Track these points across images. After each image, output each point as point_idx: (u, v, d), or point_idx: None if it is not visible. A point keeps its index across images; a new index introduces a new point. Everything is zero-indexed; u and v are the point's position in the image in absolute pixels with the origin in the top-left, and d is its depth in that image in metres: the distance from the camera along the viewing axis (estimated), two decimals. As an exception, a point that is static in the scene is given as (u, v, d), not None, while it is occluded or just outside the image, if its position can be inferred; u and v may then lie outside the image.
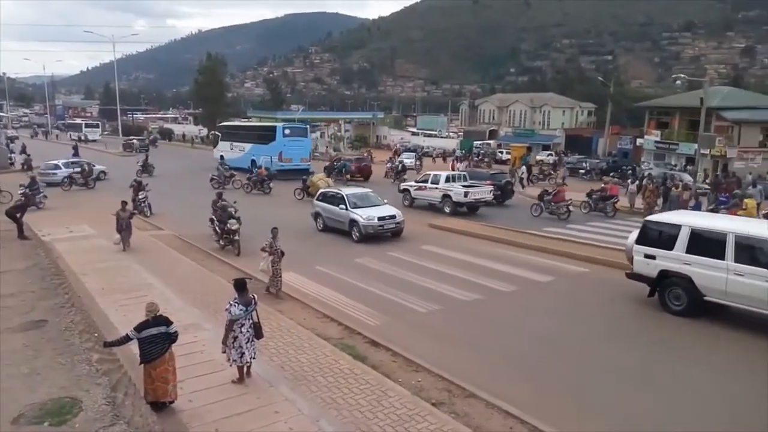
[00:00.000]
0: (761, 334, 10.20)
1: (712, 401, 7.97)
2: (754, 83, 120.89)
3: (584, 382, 8.52)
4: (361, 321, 10.92)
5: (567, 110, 77.17)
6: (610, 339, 10.30)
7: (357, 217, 18.08)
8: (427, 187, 24.93)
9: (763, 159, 42.32)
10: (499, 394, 7.76)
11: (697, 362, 9.32)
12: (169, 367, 7.31)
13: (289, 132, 36.98)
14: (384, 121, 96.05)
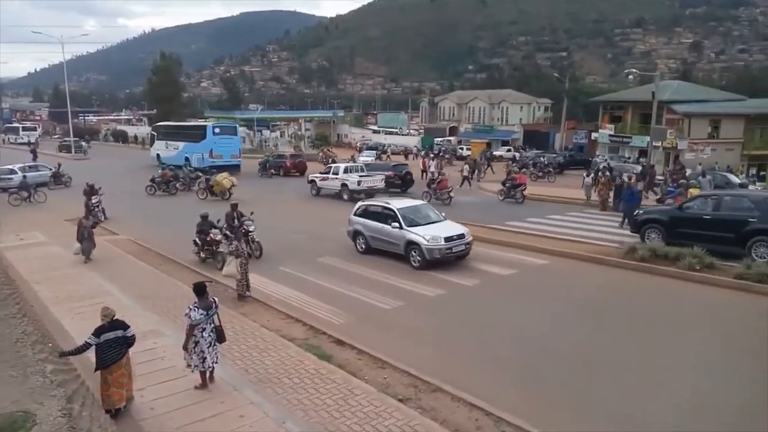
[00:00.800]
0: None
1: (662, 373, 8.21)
2: (702, 77, 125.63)
3: (547, 371, 8.65)
4: (325, 320, 10.84)
5: (524, 106, 78.45)
6: (573, 327, 10.50)
7: (418, 239, 14.44)
8: (329, 178, 28.60)
9: (712, 150, 43.92)
10: (465, 387, 7.82)
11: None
12: (126, 372, 7.19)
13: (218, 130, 39.85)
14: (345, 119, 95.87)
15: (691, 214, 15.82)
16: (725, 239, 14.67)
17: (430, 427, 6.82)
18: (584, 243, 16.89)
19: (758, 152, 44.66)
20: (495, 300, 12.18)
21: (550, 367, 8.83)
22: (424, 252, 14.28)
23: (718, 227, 14.90)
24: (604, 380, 8.36)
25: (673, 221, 16.07)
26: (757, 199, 15.22)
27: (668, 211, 16.81)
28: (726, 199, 15.89)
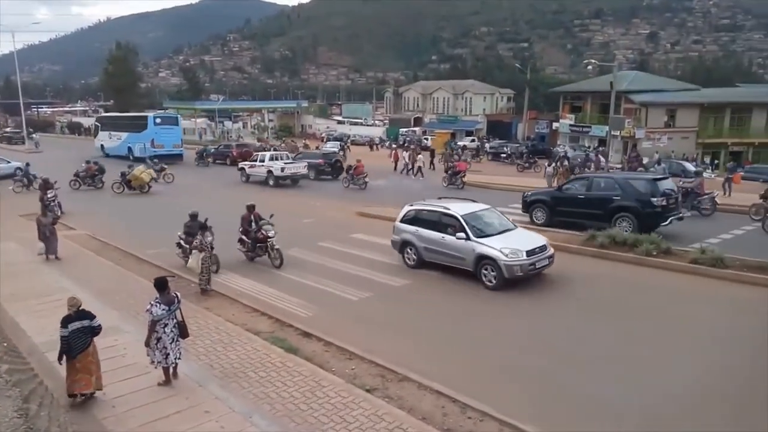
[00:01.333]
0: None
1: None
2: (658, 67, 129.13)
3: (514, 358, 8.79)
4: (292, 313, 10.77)
5: (488, 96, 79.16)
6: (540, 314, 10.70)
7: (493, 252, 11.86)
8: (256, 165, 30.27)
9: (668, 139, 45.22)
10: (431, 376, 7.89)
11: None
12: (93, 359, 7.25)
13: (160, 121, 40.89)
14: (309, 110, 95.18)
15: (568, 195, 17.96)
16: (595, 215, 16.75)
17: (397, 416, 6.86)
18: (546, 232, 17.18)
19: (712, 140, 46.24)
20: (459, 288, 12.29)
21: (513, 354, 8.97)
22: (502, 269, 11.71)
23: (590, 205, 17.14)
24: (573, 365, 8.54)
25: (555, 201, 18.16)
26: (620, 180, 17.31)
27: (551, 193, 18.95)
28: (596, 180, 18.00)
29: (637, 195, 16.45)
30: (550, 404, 7.40)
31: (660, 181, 17.19)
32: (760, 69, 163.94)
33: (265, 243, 13.69)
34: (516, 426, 6.62)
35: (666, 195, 16.31)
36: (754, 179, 24.63)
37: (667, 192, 16.50)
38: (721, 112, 46.71)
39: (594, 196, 17.23)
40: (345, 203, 23.08)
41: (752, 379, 7.92)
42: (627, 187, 16.70)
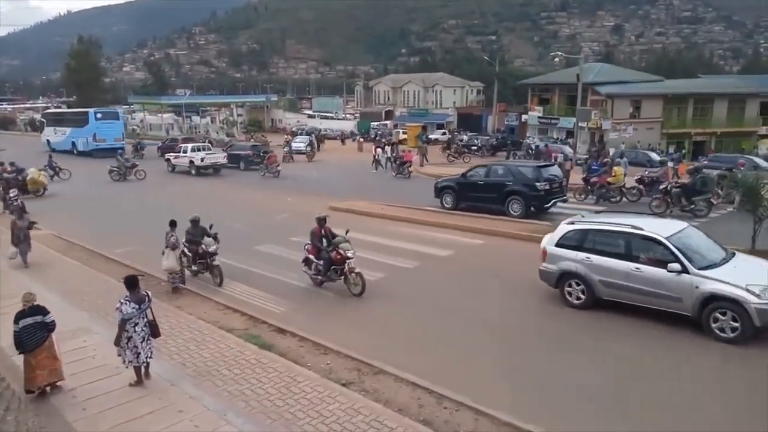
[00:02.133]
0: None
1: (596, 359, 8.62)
2: (623, 59, 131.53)
3: (486, 349, 8.89)
4: (265, 309, 10.69)
5: (458, 89, 79.64)
6: (508, 306, 10.83)
7: (735, 291, 8.51)
8: (180, 156, 33.09)
9: (634, 129, 46.17)
10: (407, 368, 7.94)
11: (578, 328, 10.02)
12: (50, 354, 7.30)
13: (101, 116, 42.72)
14: (278, 104, 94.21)
15: (471, 181, 19.84)
16: (492, 199, 18.90)
17: (374, 408, 6.89)
18: (516, 222, 17.44)
19: (676, 130, 47.39)
20: (433, 281, 12.37)
21: (486, 345, 9.08)
22: (751, 315, 8.30)
23: (488, 190, 19.16)
24: (551, 355, 8.68)
25: (460, 187, 20.09)
26: (512, 168, 19.44)
27: (456, 179, 20.55)
28: (494, 168, 19.91)
29: (525, 180, 18.32)
30: None
31: (544, 168, 19.10)
32: (721, 60, 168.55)
33: (343, 265, 11.29)
34: (491, 415, 6.71)
35: (549, 180, 18.31)
36: (717, 167, 25.30)
37: (550, 178, 18.47)
38: (685, 103, 47.88)
39: (491, 182, 19.26)
40: (318, 198, 22.96)
41: None
42: (517, 173, 18.67)
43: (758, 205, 12.37)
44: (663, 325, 9.21)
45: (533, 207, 18.13)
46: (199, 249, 12.09)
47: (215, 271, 12.09)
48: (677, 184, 18.90)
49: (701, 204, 18.08)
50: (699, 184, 18.34)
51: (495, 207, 18.63)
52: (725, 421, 6.71)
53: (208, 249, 11.98)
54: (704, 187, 18.27)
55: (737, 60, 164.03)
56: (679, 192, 18.39)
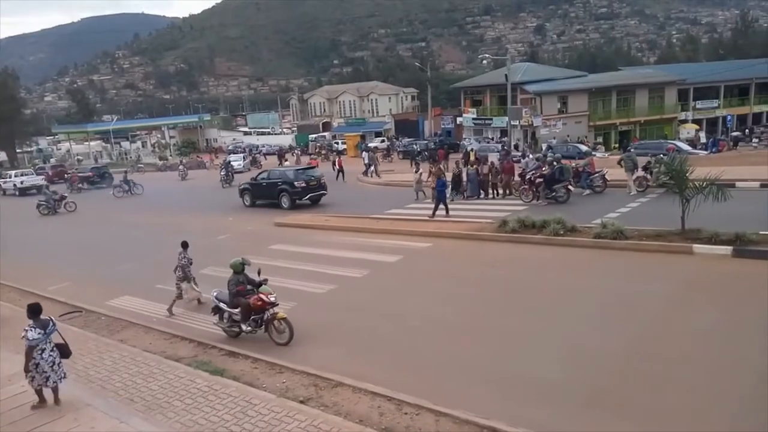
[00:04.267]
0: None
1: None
2: (547, 57, 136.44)
3: (441, 353, 8.92)
4: (214, 334, 10.35)
5: (392, 97, 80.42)
6: (460, 307, 10.93)
7: None
8: (8, 180, 41.11)
9: (563, 124, 47.89)
10: (365, 378, 7.86)
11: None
12: None
13: None
14: (212, 122, 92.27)
15: (259, 183, 25.34)
16: (271, 195, 24.42)
17: (334, 422, 6.76)
18: (461, 222, 17.71)
19: (601, 122, 49.51)
20: (384, 288, 12.35)
21: (440, 350, 9.12)
22: None
23: (268, 189, 24.65)
24: (503, 349, 8.79)
25: (253, 188, 25.47)
26: (281, 172, 25.71)
27: (250, 182, 25.89)
28: (273, 171, 26.14)
29: (288, 180, 23.86)
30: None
31: (303, 171, 25.15)
32: (639, 52, 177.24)
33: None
34: (451, 415, 6.71)
35: (306, 180, 23.83)
36: (643, 155, 26.57)
37: (307, 178, 23.98)
38: (608, 95, 50.10)
39: (270, 182, 24.78)
40: (258, 216, 22.57)
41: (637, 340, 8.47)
42: (284, 176, 24.58)
43: (684, 188, 13.02)
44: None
45: (296, 200, 23.74)
46: (253, 301, 9.60)
47: (280, 324, 9.56)
48: (539, 175, 20.09)
49: (561, 191, 19.61)
50: (557, 174, 19.88)
51: (274, 201, 24.21)
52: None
53: (269, 299, 9.61)
54: (562, 176, 19.88)
55: (653, 51, 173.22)
56: (541, 182, 19.79)
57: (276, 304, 9.62)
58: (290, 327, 9.49)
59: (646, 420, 6.49)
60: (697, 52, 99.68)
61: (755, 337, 8.23)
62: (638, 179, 20.50)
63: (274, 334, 9.62)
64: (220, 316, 10.18)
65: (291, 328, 9.48)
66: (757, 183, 19.21)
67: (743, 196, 15.97)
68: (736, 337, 8.32)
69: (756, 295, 9.88)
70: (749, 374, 7.24)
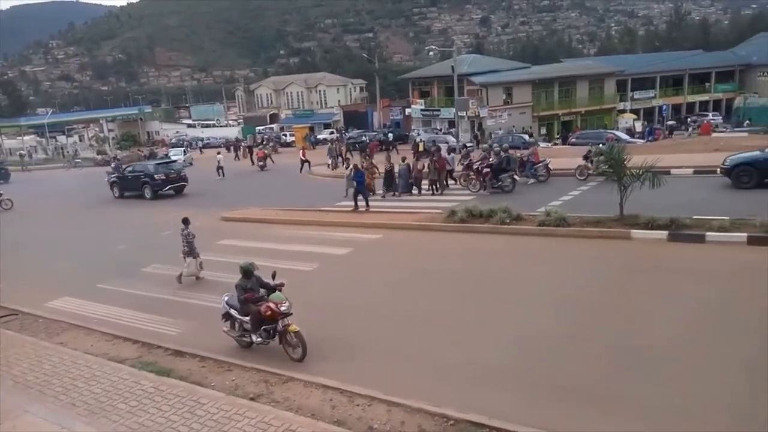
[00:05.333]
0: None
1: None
2: (492, 49, 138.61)
3: (390, 343, 8.98)
4: (159, 333, 10.07)
5: (341, 88, 79.99)
6: (411, 297, 11.02)
7: None
8: None
9: (508, 115, 48.84)
10: (316, 372, 7.84)
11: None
12: None
13: None
14: (153, 115, 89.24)
15: (126, 176, 28.12)
16: (136, 187, 27.26)
17: (285, 418, 6.71)
18: (411, 213, 17.84)
19: (545, 113, 50.79)
20: (334, 280, 12.31)
21: (392, 340, 9.18)
22: None
23: (133, 181, 27.54)
24: (450, 337, 8.91)
25: (120, 180, 28.20)
26: (144, 166, 28.59)
27: (118, 175, 28.57)
28: (136, 166, 29.00)
29: (149, 173, 26.83)
30: (432, 378, 7.66)
31: (164, 164, 28.34)
32: (579, 44, 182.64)
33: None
34: (403, 404, 6.78)
35: (165, 173, 26.70)
36: (584, 144, 27.47)
37: (167, 171, 27.00)
38: (551, 86, 51.42)
39: (134, 175, 27.71)
40: (205, 210, 22.05)
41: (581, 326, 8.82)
42: (146, 169, 27.53)
43: (622, 175, 13.53)
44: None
45: (157, 191, 26.27)
46: (263, 309, 8.61)
47: (292, 338, 8.50)
48: (487, 165, 20.54)
49: (507, 181, 20.09)
50: (504, 164, 20.39)
51: (138, 192, 26.99)
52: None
53: (280, 308, 8.54)
54: (508, 165, 20.42)
55: (593, 43, 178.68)
56: (488, 172, 20.20)
57: (289, 314, 8.55)
58: (303, 342, 8.37)
59: (588, 400, 6.74)
60: (634, 44, 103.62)
61: (688, 316, 8.67)
62: (579, 168, 21.17)
63: (288, 349, 8.58)
64: (231, 323, 9.27)
65: (304, 343, 8.37)
66: (691, 170, 20.16)
67: (677, 183, 16.75)
68: (671, 318, 8.73)
69: (689, 276, 10.42)
70: (683, 351, 7.62)
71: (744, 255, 11.18)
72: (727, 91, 57.52)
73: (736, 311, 8.73)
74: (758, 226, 11.81)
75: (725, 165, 17.63)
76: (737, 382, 6.80)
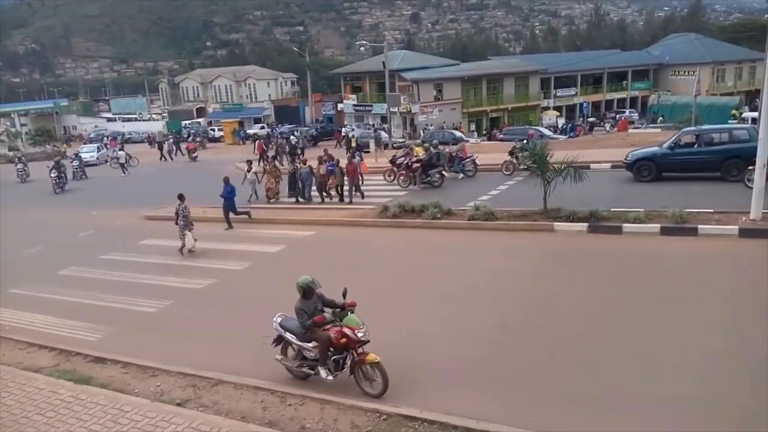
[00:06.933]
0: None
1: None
2: (423, 45, 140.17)
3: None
4: (79, 340, 9.56)
5: (271, 82, 78.44)
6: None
7: None
8: None
9: (439, 111, 49.62)
10: (248, 374, 7.68)
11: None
12: None
13: None
14: (70, 109, 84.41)
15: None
16: None
17: (214, 422, 6.54)
18: (344, 209, 17.82)
19: (474, 109, 51.96)
20: (265, 279, 12.11)
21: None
22: None
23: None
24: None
25: None
26: (56, 163, 28.64)
27: None
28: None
29: (61, 170, 27.93)
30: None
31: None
32: (506, 42, 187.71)
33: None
34: (336, 402, 6.77)
35: (59, 170, 27.68)
36: (511, 140, 28.31)
37: (62, 168, 28.14)
38: (479, 83, 52.63)
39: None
40: (128, 209, 21.09)
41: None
42: (59, 167, 28.27)
43: (545, 170, 14.07)
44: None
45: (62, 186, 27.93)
46: (334, 335, 7.11)
47: (369, 370, 7.04)
48: (417, 160, 20.92)
49: (436, 176, 20.49)
50: (434, 159, 20.80)
51: None
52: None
53: (357, 335, 7.02)
54: (438, 161, 20.87)
55: (519, 42, 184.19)
56: (418, 167, 20.52)
57: (366, 341, 7.06)
58: (384, 374, 6.92)
59: (518, 387, 6.98)
60: (557, 42, 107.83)
61: (608, 303, 9.14)
62: (505, 163, 21.81)
63: (363, 383, 7.10)
64: (284, 349, 7.79)
65: (385, 375, 6.91)
66: (609, 164, 21.20)
67: (597, 177, 17.61)
68: (594, 305, 9.17)
69: (608, 265, 10.99)
70: (603, 336, 8.03)
71: (657, 244, 11.92)
72: (642, 89, 60.89)
73: (650, 296, 9.26)
74: (670, 217, 12.61)
75: (627, 160, 18.77)
76: (653, 358, 7.23)
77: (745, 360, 7.10)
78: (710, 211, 12.94)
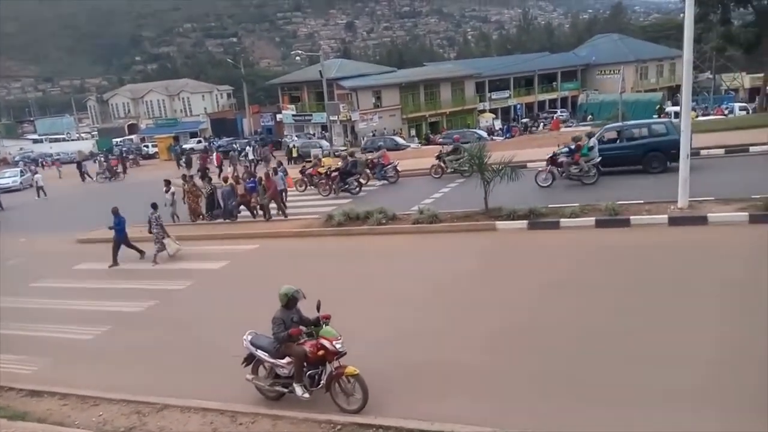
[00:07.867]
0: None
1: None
2: (359, 54, 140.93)
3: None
4: (11, 373, 8.99)
5: (206, 95, 76.82)
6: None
7: None
8: None
9: (379, 118, 49.94)
10: (194, 395, 7.43)
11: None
12: None
13: None
14: (-8, 131, 79.90)
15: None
16: None
17: (163, 449, 6.31)
18: (289, 221, 17.60)
19: (413, 115, 52.58)
20: (208, 297, 11.79)
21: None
22: None
23: None
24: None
25: None
26: None
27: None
28: None
29: None
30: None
31: None
32: (440, 49, 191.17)
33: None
34: (288, 416, 6.65)
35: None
36: (445, 143, 28.85)
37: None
38: (417, 89, 53.35)
39: None
40: (58, 234, 20.10)
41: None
42: None
43: (484, 171, 14.39)
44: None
45: None
46: (310, 349, 6.82)
47: (348, 384, 6.74)
48: (335, 169, 21.25)
49: (353, 183, 20.77)
50: (351, 167, 21.09)
51: None
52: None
53: (334, 346, 6.72)
54: (354, 169, 21.16)
55: (452, 48, 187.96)
56: (336, 175, 20.78)
57: (343, 353, 6.76)
58: (364, 387, 6.60)
59: (466, 385, 7.05)
60: (489, 47, 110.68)
61: (553, 298, 9.39)
62: (433, 167, 22.15)
63: (340, 397, 6.79)
64: (255, 368, 7.40)
65: (365, 388, 6.60)
66: (544, 162, 21.84)
67: (533, 175, 18.10)
68: (540, 301, 9.40)
69: (550, 259, 11.32)
70: (546, 331, 8.24)
71: (593, 236, 12.38)
72: (571, 89, 63.37)
73: (589, 287, 9.59)
74: (603, 210, 13.13)
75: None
76: (593, 345, 7.47)
77: (688, 347, 7.46)
78: (641, 202, 13.57)
